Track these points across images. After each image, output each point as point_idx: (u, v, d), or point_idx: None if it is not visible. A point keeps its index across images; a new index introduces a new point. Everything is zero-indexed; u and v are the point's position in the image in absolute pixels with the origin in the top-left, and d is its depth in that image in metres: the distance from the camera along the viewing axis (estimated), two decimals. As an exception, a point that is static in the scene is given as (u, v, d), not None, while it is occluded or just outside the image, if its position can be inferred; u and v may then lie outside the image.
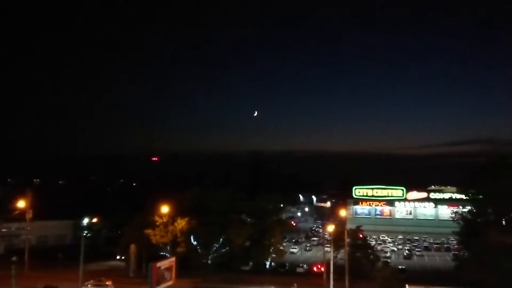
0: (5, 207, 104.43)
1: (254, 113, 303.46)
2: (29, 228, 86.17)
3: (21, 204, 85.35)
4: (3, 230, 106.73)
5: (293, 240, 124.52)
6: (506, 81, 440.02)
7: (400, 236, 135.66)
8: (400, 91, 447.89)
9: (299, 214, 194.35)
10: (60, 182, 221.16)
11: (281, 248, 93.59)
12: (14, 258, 78.46)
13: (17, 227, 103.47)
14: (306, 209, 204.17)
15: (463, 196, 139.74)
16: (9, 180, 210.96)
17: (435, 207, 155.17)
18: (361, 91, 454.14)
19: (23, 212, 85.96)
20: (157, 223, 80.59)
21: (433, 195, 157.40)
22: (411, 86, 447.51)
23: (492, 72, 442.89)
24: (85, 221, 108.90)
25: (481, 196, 77.54)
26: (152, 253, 79.92)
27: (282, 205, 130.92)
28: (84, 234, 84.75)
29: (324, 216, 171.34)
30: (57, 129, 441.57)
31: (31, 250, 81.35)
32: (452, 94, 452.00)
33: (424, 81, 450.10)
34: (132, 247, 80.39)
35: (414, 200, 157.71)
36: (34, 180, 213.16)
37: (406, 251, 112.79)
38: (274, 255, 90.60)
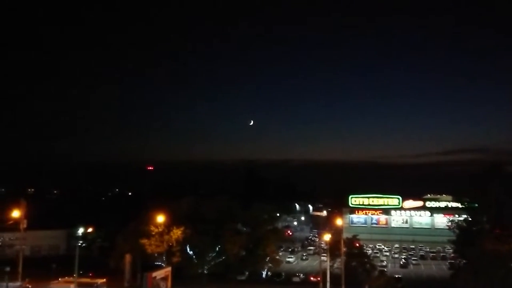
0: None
1: (250, 122, 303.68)
2: (23, 238, 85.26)
3: (15, 214, 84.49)
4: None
5: (289, 250, 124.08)
6: (499, 90, 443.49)
7: (396, 245, 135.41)
8: (394, 101, 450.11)
9: (295, 223, 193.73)
10: (54, 191, 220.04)
11: (277, 257, 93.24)
12: (7, 269, 77.68)
13: (11, 237, 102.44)
14: (302, 218, 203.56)
15: (458, 205, 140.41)
16: (2, 189, 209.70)
17: (431, 215, 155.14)
18: (356, 101, 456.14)
19: (16, 222, 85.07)
20: (152, 233, 79.98)
21: (429, 204, 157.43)
22: (406, 95, 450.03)
23: (485, 82, 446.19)
24: (79, 230, 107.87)
25: (476, 205, 77.78)
26: (147, 263, 79.28)
27: (277, 214, 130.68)
28: (79, 244, 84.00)
29: (320, 225, 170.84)
30: (51, 138, 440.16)
31: (24, 260, 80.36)
32: (446, 104, 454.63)
33: (418, 90, 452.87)
34: (127, 257, 79.74)
35: (410, 209, 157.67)
36: (28, 189, 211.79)
37: (403, 260, 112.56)
38: (270, 265, 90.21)
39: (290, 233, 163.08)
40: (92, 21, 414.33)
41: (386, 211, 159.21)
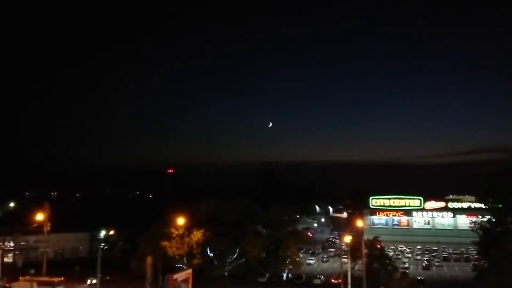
0: (23, 220, 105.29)
1: (269, 124, 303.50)
2: (47, 241, 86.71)
3: (38, 217, 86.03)
4: (21, 243, 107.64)
5: (310, 251, 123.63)
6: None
7: (418, 247, 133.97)
8: (413, 99, 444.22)
9: (315, 225, 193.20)
10: (76, 194, 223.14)
11: (298, 259, 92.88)
12: (32, 271, 79.24)
13: (35, 240, 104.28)
14: (323, 220, 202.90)
15: (482, 205, 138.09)
16: (26, 193, 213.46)
17: (454, 216, 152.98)
18: (374, 100, 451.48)
19: (40, 225, 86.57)
20: (173, 235, 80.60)
21: (451, 205, 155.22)
22: (424, 94, 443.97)
23: (507, 78, 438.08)
24: (101, 233, 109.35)
25: (499, 205, 76.45)
26: (168, 265, 79.84)
27: (297, 216, 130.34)
28: (101, 246, 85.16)
29: (341, 226, 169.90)
30: (73, 142, 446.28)
31: (48, 263, 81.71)
32: (467, 103, 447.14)
33: (437, 89, 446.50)
34: (149, 259, 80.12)
35: (432, 210, 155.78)
36: (51, 193, 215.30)
37: (425, 261, 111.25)
38: (290, 267, 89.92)
39: (311, 235, 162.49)
40: (111, 22, 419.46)
41: (408, 212, 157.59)
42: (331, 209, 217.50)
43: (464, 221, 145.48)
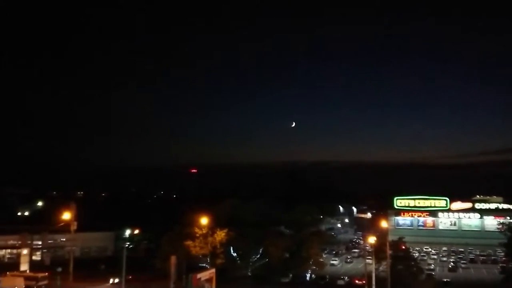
0: (50, 219, 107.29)
1: (291, 124, 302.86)
2: (74, 239, 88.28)
3: (65, 216, 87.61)
4: (49, 241, 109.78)
5: (333, 252, 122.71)
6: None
7: (444, 248, 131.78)
8: (438, 100, 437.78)
9: (339, 225, 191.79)
10: (102, 194, 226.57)
11: (321, 260, 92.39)
12: (59, 269, 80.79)
13: (62, 239, 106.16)
14: (346, 220, 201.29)
15: (510, 206, 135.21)
16: (54, 193, 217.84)
17: (481, 217, 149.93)
18: (398, 100, 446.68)
19: (67, 224, 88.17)
20: (197, 235, 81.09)
21: (478, 205, 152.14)
22: (450, 95, 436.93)
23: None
24: (126, 232, 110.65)
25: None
26: (192, 264, 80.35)
27: (321, 216, 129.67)
28: (126, 245, 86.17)
29: (365, 227, 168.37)
30: (99, 143, 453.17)
31: (75, 261, 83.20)
32: (495, 102, 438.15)
33: (462, 89, 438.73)
34: (173, 258, 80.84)
35: (458, 211, 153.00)
36: (78, 192, 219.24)
37: (451, 263, 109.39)
38: (314, 267, 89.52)
39: (334, 235, 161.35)
40: (131, 22, 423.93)
41: (433, 213, 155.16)
42: (354, 209, 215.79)
43: (491, 222, 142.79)
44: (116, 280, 78.71)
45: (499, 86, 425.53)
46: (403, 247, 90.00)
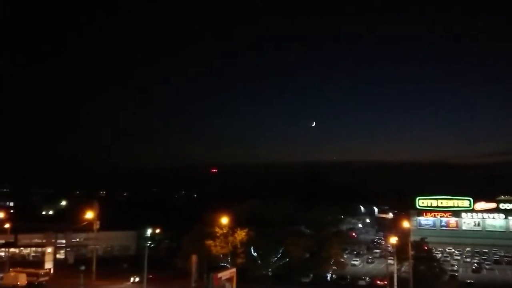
0: (74, 218, 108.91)
1: (312, 123, 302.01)
2: (97, 238, 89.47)
3: (88, 215, 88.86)
4: (72, 240, 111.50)
5: (355, 252, 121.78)
6: None
7: (468, 249, 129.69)
8: (463, 100, 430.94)
9: (360, 225, 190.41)
10: (124, 194, 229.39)
11: (342, 260, 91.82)
12: (82, 268, 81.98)
13: (85, 238, 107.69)
14: (367, 220, 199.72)
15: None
16: (77, 192, 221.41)
17: (506, 218, 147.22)
18: (419, 99, 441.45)
19: (90, 223, 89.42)
20: (217, 234, 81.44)
21: (503, 206, 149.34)
22: (474, 94, 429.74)
23: None
24: (148, 232, 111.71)
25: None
26: (212, 264, 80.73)
27: (341, 216, 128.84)
28: (148, 244, 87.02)
29: (386, 227, 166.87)
30: (122, 144, 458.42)
31: (97, 260, 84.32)
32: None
33: (487, 87, 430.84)
34: (194, 258, 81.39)
35: (482, 211, 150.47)
36: (100, 192, 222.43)
37: (475, 264, 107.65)
38: (334, 267, 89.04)
39: (355, 236, 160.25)
40: (151, 23, 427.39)
41: (456, 213, 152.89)
42: (376, 209, 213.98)
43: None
44: (137, 279, 79.61)
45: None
46: (426, 248, 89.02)
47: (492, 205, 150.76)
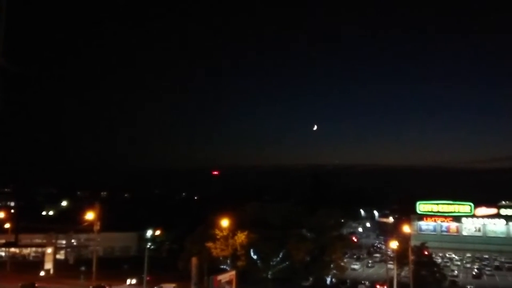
0: (75, 219, 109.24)
1: (314, 127, 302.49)
2: (98, 239, 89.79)
3: (89, 216, 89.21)
4: (73, 241, 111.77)
5: (355, 256, 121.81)
6: None
7: (468, 254, 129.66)
8: (464, 105, 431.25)
9: (360, 229, 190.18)
10: (125, 195, 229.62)
11: (342, 264, 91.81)
12: (83, 268, 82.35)
13: (86, 238, 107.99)
14: (368, 225, 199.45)
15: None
16: (78, 193, 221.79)
17: (506, 223, 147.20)
18: (423, 103, 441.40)
19: (91, 223, 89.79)
20: (218, 236, 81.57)
21: (503, 211, 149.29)
22: (476, 99, 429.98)
23: None
24: (149, 233, 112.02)
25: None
26: (213, 266, 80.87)
27: (342, 220, 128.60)
28: (148, 246, 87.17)
29: (387, 231, 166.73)
30: (124, 145, 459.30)
31: (98, 261, 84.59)
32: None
33: (490, 91, 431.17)
34: (194, 260, 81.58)
35: (483, 216, 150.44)
36: (102, 193, 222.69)
37: (475, 270, 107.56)
38: (335, 271, 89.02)
39: (355, 240, 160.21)
40: (162, 28, 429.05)
41: (457, 218, 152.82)
42: (376, 213, 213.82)
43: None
44: (134, 281, 79.44)
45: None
46: (426, 253, 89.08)
47: (493, 210, 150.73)
